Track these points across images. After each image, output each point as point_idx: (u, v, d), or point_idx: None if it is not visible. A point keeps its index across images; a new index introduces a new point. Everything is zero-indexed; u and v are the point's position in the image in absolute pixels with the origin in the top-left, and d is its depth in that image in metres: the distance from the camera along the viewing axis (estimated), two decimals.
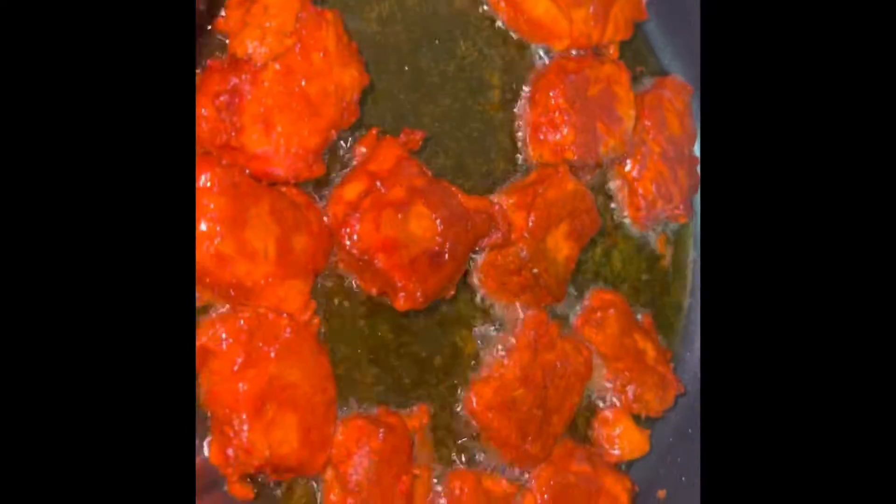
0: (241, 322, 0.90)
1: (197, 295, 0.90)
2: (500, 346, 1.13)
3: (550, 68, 1.20)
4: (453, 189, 1.06)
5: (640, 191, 1.28)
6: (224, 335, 0.89)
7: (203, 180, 0.88)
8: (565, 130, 1.17)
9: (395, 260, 0.97)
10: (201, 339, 0.89)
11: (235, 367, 0.89)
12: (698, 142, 1.39)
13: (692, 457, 1.25)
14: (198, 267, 0.88)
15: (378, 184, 0.98)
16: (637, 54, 1.35)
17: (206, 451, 0.91)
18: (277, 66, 0.91)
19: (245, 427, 0.87)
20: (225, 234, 0.88)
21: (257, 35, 0.90)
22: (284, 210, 0.93)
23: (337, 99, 0.95)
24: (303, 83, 0.92)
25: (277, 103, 0.91)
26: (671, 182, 1.31)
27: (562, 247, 1.19)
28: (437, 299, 1.05)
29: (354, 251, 0.97)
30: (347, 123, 0.98)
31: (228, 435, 0.88)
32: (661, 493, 1.27)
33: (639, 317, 1.31)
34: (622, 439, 1.24)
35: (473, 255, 1.11)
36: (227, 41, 0.93)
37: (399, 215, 0.98)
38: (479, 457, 1.10)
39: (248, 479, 0.93)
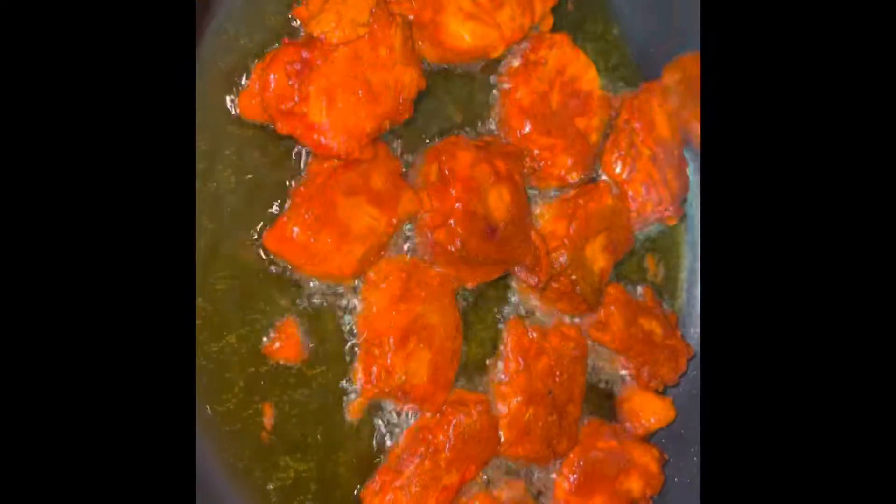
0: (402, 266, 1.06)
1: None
2: (500, 369, 1.17)
3: (510, 116, 1.17)
4: (531, 212, 1.17)
5: (630, 193, 1.29)
6: (387, 274, 1.05)
7: (298, 237, 0.99)
8: (560, 162, 1.18)
9: (465, 197, 1.05)
10: (370, 274, 1.04)
11: (393, 300, 1.04)
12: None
13: (686, 457, 1.32)
14: (358, 273, 1.03)
15: (492, 149, 1.09)
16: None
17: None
18: (347, 50, 0.99)
19: (390, 351, 1.04)
20: (347, 246, 1.01)
21: (334, 19, 0.99)
22: (350, 181, 1.02)
23: (395, 93, 1.03)
24: (367, 71, 1.01)
25: (342, 82, 0.99)
26: (661, 184, 1.30)
27: (598, 258, 1.22)
28: (457, 276, 1.12)
29: (444, 167, 1.05)
30: (401, 119, 1.06)
31: (375, 354, 1.04)
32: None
33: (639, 290, 1.33)
34: (646, 412, 1.28)
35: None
36: (303, 28, 1.03)
37: (490, 178, 1.08)
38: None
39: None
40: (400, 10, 1.07)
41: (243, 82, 1.03)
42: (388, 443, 1.09)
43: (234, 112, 1.02)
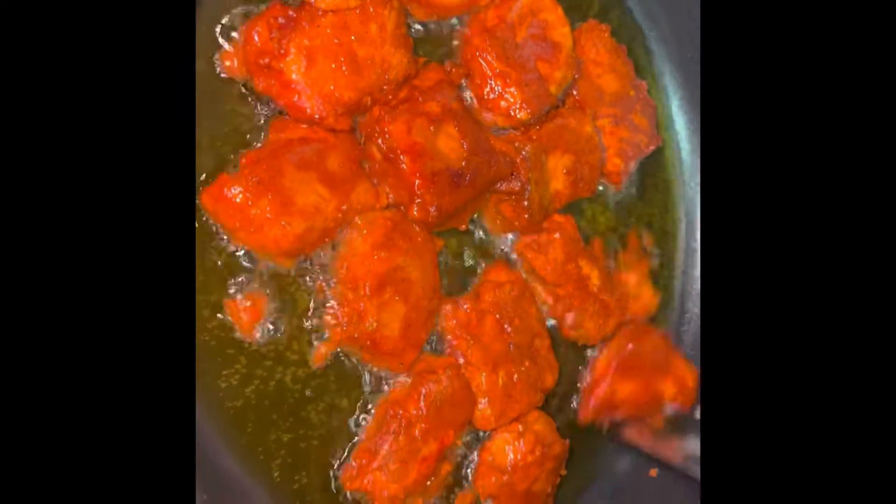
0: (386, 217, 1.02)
1: (304, 259, 1.01)
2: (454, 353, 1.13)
3: (472, 31, 1.14)
4: (485, 125, 1.11)
5: (612, 168, 1.30)
6: (373, 220, 1.01)
7: (235, 197, 0.94)
8: (510, 94, 1.13)
9: (419, 166, 1.01)
10: (355, 219, 1.00)
11: (375, 245, 1.00)
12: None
13: (686, 439, 1.28)
14: (292, 251, 0.98)
15: (417, 96, 1.03)
16: None
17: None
18: (335, 18, 0.98)
19: (365, 297, 1.00)
20: (287, 218, 0.96)
21: None
22: (304, 155, 0.98)
23: (381, 70, 1.01)
24: (353, 41, 0.99)
25: (325, 46, 0.97)
26: (633, 134, 1.30)
27: (558, 177, 1.19)
28: (447, 227, 1.10)
29: (383, 147, 1.01)
30: (384, 98, 1.03)
31: (348, 297, 1.01)
32: (653, 472, 1.31)
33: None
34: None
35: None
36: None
37: (431, 127, 1.02)
38: None
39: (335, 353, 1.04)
40: None
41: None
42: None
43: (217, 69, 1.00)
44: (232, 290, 0.99)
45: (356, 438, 1.06)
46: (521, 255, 1.20)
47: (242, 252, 1.00)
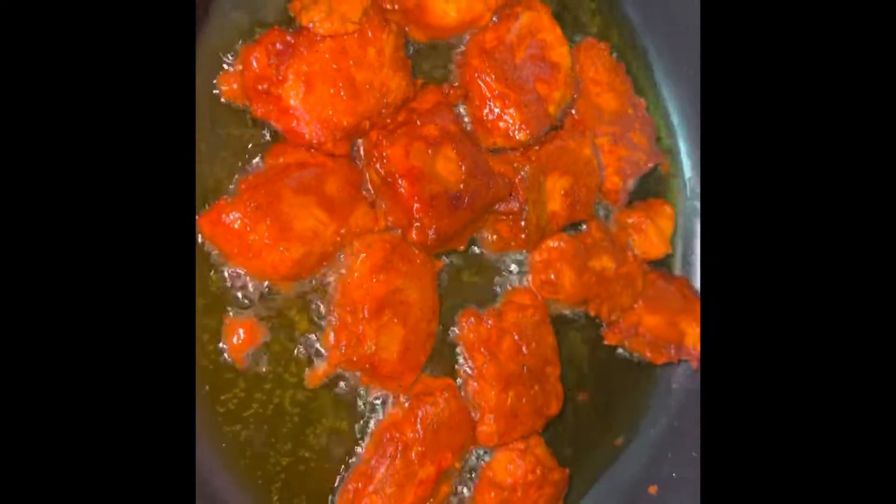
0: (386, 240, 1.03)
1: (304, 282, 1.01)
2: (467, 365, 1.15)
3: (471, 53, 1.14)
4: (482, 147, 1.11)
5: (610, 186, 1.30)
6: (371, 243, 1.02)
7: (233, 223, 0.94)
8: (509, 115, 1.13)
9: (417, 190, 1.01)
10: (354, 242, 1.01)
11: (374, 269, 1.01)
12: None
13: (684, 452, 1.33)
14: (291, 276, 0.98)
15: (415, 119, 1.03)
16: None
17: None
18: (333, 43, 0.98)
19: (363, 320, 1.00)
20: (285, 244, 0.96)
21: (324, 10, 0.97)
22: (302, 180, 0.98)
23: (380, 94, 1.02)
24: (352, 66, 0.99)
25: (323, 72, 0.98)
26: (632, 152, 1.30)
27: (555, 198, 1.19)
28: (446, 249, 1.10)
29: (381, 171, 1.01)
30: (383, 122, 1.03)
31: (347, 321, 1.01)
32: (653, 489, 1.32)
33: (584, 227, 1.27)
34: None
35: None
36: (297, 21, 1.00)
37: (429, 150, 1.03)
38: None
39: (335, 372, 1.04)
40: (395, 19, 1.04)
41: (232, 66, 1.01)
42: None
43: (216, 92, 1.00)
44: (232, 314, 1.00)
45: (352, 461, 1.06)
46: (540, 293, 1.21)
47: (241, 275, 1.00)
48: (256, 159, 1.01)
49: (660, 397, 1.40)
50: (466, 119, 1.15)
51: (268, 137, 1.02)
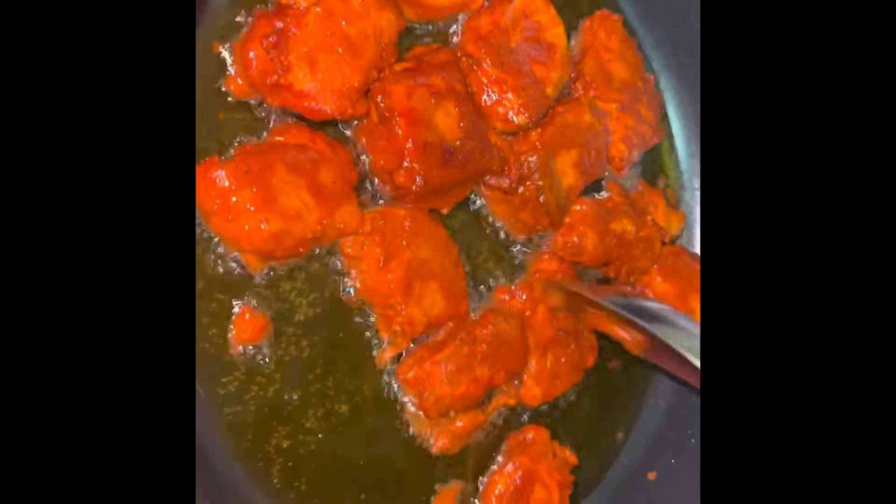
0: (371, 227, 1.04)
1: (277, 265, 1.01)
2: None
3: (466, 39, 1.14)
4: (486, 122, 1.11)
5: (615, 153, 1.29)
6: (362, 244, 1.03)
7: (220, 181, 0.93)
8: (507, 100, 1.13)
9: (413, 132, 1.00)
10: (346, 250, 1.02)
11: (381, 264, 1.03)
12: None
13: (683, 440, 1.33)
14: (264, 250, 0.97)
15: (423, 68, 1.04)
16: None
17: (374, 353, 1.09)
18: (319, 10, 0.97)
19: (402, 307, 1.06)
20: (265, 214, 0.95)
21: None
22: (298, 160, 0.98)
23: (376, 40, 1.00)
24: (343, 25, 0.98)
25: (321, 43, 0.96)
26: (639, 124, 1.29)
27: (568, 173, 1.19)
28: (428, 206, 1.09)
29: (381, 105, 1.00)
30: (387, 64, 1.02)
31: (390, 315, 1.07)
32: (652, 475, 1.32)
33: (604, 193, 1.28)
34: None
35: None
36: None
37: (431, 99, 1.03)
38: None
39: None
40: None
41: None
42: None
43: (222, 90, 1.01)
44: (233, 299, 1.00)
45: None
46: (563, 255, 1.23)
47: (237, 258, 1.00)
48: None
49: (660, 381, 1.40)
50: None
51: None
